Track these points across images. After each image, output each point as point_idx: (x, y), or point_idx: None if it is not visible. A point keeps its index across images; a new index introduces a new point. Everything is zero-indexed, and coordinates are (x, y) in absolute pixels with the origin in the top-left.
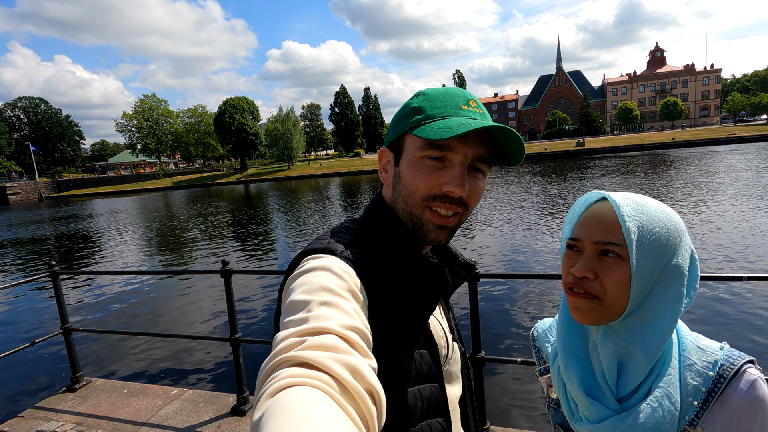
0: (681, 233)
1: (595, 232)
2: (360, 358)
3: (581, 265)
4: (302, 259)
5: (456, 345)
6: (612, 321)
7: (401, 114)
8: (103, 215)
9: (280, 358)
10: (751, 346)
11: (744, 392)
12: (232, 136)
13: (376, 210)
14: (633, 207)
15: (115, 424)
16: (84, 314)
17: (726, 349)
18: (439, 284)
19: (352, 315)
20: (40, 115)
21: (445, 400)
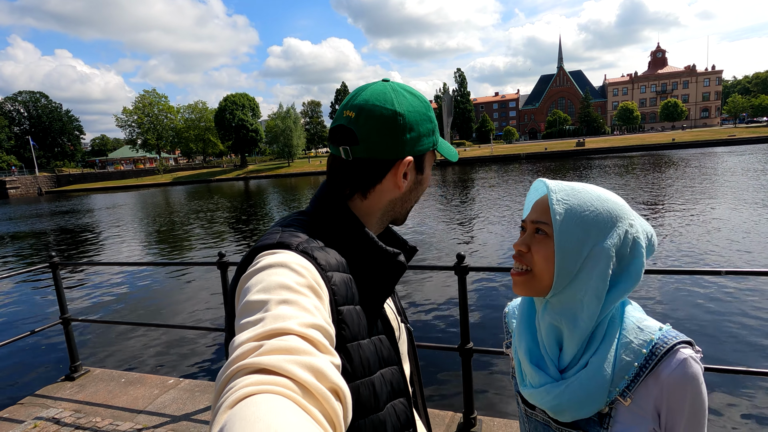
0: (616, 220)
1: (533, 214)
2: (322, 358)
3: (520, 240)
4: (255, 256)
5: (403, 325)
6: (544, 294)
7: (427, 126)
8: (103, 210)
9: (237, 366)
10: (729, 336)
11: (674, 369)
12: (233, 133)
13: (326, 201)
14: (566, 192)
15: (112, 412)
16: (83, 304)
17: (665, 330)
18: (396, 270)
19: (312, 312)
20: (40, 109)
21: (404, 380)
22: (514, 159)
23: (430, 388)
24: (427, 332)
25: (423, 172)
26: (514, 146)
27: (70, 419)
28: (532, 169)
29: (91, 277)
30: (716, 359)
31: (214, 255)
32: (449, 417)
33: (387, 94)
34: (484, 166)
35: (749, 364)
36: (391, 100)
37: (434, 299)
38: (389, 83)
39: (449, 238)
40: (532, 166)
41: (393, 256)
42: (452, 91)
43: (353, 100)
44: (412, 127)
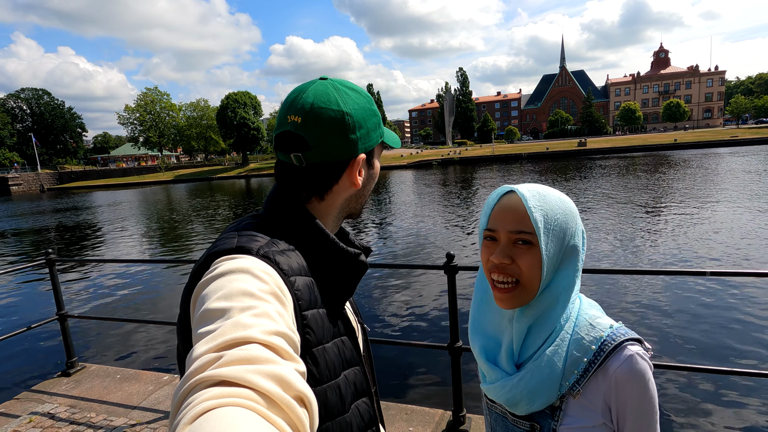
0: (575, 216)
1: (509, 224)
2: (286, 366)
3: (499, 252)
4: (212, 262)
5: (360, 326)
6: (530, 301)
7: (373, 120)
8: (104, 207)
9: (196, 379)
10: (711, 336)
11: (620, 365)
12: (234, 131)
13: (281, 202)
14: (538, 198)
15: (107, 408)
16: (80, 301)
17: (615, 328)
18: (358, 269)
19: (275, 319)
20: (42, 106)
21: (366, 380)
22: (516, 159)
23: (420, 386)
24: (417, 331)
25: (373, 165)
26: (515, 146)
27: (65, 414)
28: (533, 168)
29: (89, 273)
30: (692, 358)
31: None
32: (439, 415)
33: (330, 95)
34: (485, 165)
35: (723, 364)
36: (336, 101)
37: (424, 298)
38: (329, 81)
39: (445, 238)
40: (534, 165)
41: (355, 257)
42: (454, 91)
43: (296, 104)
44: (361, 124)
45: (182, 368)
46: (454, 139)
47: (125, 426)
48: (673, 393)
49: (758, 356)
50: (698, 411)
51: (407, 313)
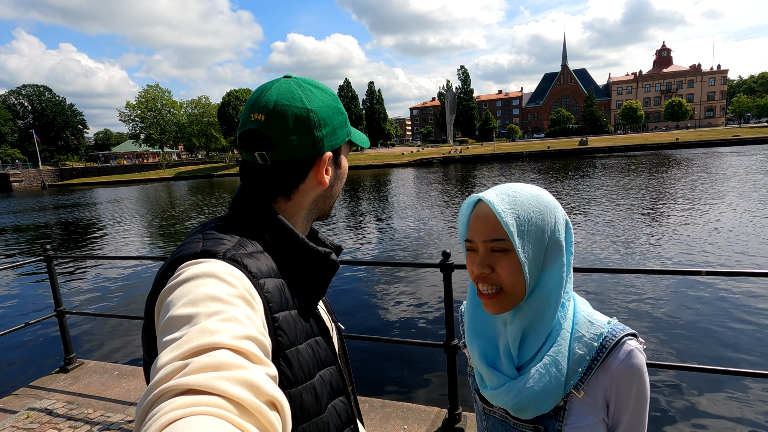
0: (554, 209)
1: (483, 233)
2: (256, 370)
3: (478, 263)
4: (177, 268)
5: (334, 325)
6: (518, 303)
7: (339, 118)
8: (105, 204)
9: (161, 389)
10: (710, 336)
11: (621, 360)
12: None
13: (248, 204)
14: (507, 201)
15: (104, 404)
16: (79, 297)
17: (612, 323)
18: (329, 269)
19: (244, 323)
20: (44, 103)
21: (342, 379)
22: (517, 157)
23: (416, 384)
24: (413, 329)
25: (341, 164)
26: (516, 144)
27: (63, 410)
28: (534, 167)
29: (87, 270)
30: (691, 357)
31: None
32: (434, 413)
33: (294, 92)
34: (486, 164)
35: (725, 364)
36: (300, 98)
37: (420, 296)
38: (293, 79)
39: (446, 237)
40: (535, 164)
41: (325, 256)
42: (456, 89)
43: (259, 102)
44: (326, 122)
45: (149, 380)
46: (455, 137)
47: (122, 422)
48: (667, 392)
49: (754, 356)
50: (692, 411)
51: (403, 312)
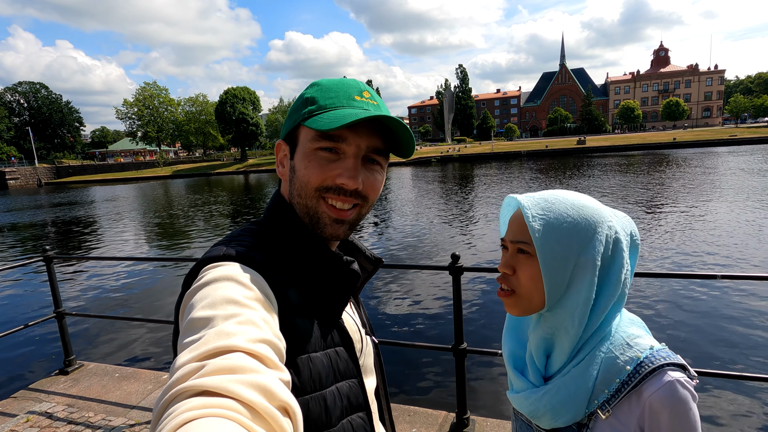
0: (595, 224)
1: (511, 233)
2: (270, 375)
3: (502, 262)
4: (200, 270)
5: (368, 338)
6: (538, 311)
7: (295, 105)
8: (102, 202)
9: (177, 389)
10: (721, 343)
11: (657, 390)
12: (233, 126)
13: (275, 208)
14: (541, 207)
15: (105, 407)
16: (78, 298)
17: (655, 349)
18: (350, 278)
19: (260, 326)
20: (40, 100)
21: (364, 394)
22: (515, 156)
23: (424, 387)
24: (421, 332)
25: (293, 157)
26: (514, 143)
27: (63, 414)
28: (532, 166)
29: (87, 270)
30: (707, 364)
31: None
32: (442, 417)
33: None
34: (484, 163)
35: (745, 370)
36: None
37: (429, 299)
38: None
39: (445, 237)
40: (533, 163)
41: (345, 265)
42: (454, 88)
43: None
44: (295, 105)
45: None
46: (453, 136)
47: (124, 426)
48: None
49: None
50: (713, 417)
51: (411, 314)
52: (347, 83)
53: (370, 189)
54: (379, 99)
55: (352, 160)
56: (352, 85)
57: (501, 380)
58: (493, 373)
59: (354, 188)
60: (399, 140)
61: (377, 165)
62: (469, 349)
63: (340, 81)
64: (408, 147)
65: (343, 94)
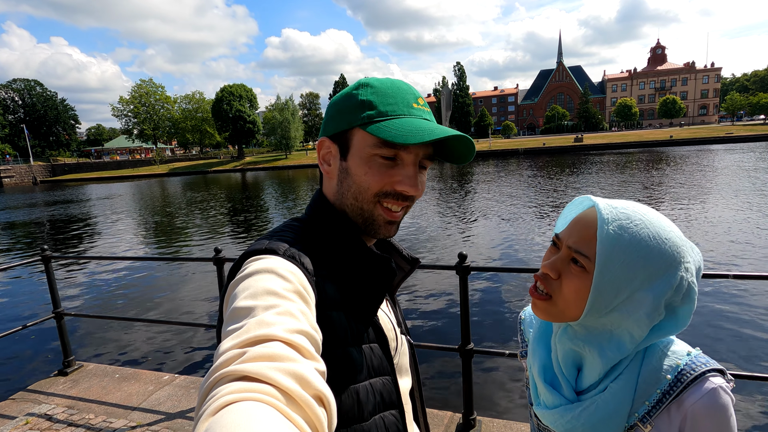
0: (672, 265)
1: (574, 237)
2: (306, 364)
3: (550, 263)
4: (244, 262)
5: (404, 338)
6: (566, 321)
7: (347, 105)
8: (98, 200)
9: (220, 373)
10: (733, 343)
11: (700, 398)
12: (230, 124)
13: (318, 206)
14: (619, 225)
15: (106, 408)
16: (77, 299)
17: (693, 355)
18: (386, 275)
19: (298, 317)
20: (35, 97)
21: (397, 391)
22: (513, 154)
23: (430, 387)
24: (428, 332)
25: (346, 158)
26: (512, 141)
27: (63, 416)
28: (530, 164)
29: (86, 270)
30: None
31: (211, 248)
32: (448, 417)
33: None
34: (482, 160)
35: (758, 370)
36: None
37: (435, 298)
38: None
39: (447, 235)
40: (531, 161)
41: (383, 262)
42: (451, 85)
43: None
44: (346, 104)
45: None
46: None
47: (125, 428)
48: None
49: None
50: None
51: (418, 314)
52: (402, 88)
53: (420, 191)
54: (427, 104)
55: (411, 168)
56: (407, 90)
57: (508, 381)
58: (499, 373)
59: (413, 194)
60: (454, 150)
61: (424, 169)
62: (476, 349)
63: (393, 84)
64: (465, 157)
65: (401, 100)
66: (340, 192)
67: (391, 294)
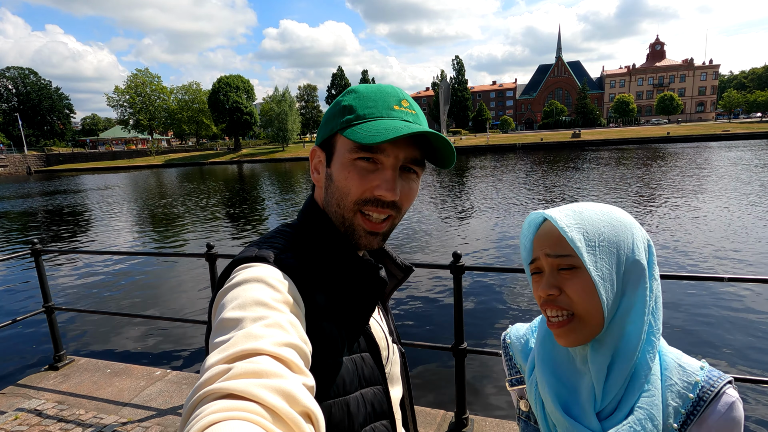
0: (629, 226)
1: (547, 248)
2: (294, 380)
3: (544, 284)
4: (233, 270)
5: (396, 347)
6: (596, 334)
7: (332, 112)
8: (93, 191)
9: (205, 391)
10: (729, 346)
11: (722, 414)
12: (227, 115)
13: (309, 212)
14: (572, 217)
15: (97, 404)
16: (68, 293)
17: (706, 369)
18: (377, 284)
19: (287, 330)
20: (29, 86)
21: (389, 401)
22: (510, 149)
23: (422, 386)
24: (421, 331)
25: (330, 165)
26: (510, 136)
27: (53, 411)
28: (528, 159)
29: (77, 264)
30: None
31: (204, 242)
32: (440, 416)
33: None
34: (479, 155)
35: (752, 373)
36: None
37: (428, 297)
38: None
39: (441, 233)
40: (528, 156)
41: (373, 271)
42: (450, 79)
43: None
44: (332, 111)
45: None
46: (448, 128)
47: (116, 424)
48: None
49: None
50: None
51: (411, 313)
52: (385, 91)
53: (405, 198)
54: (416, 107)
55: (390, 172)
56: (391, 93)
57: (500, 380)
58: (492, 372)
59: (392, 200)
60: (440, 153)
61: (413, 174)
62: (470, 348)
63: (378, 88)
64: (448, 160)
65: (381, 103)
66: (326, 200)
67: (383, 302)
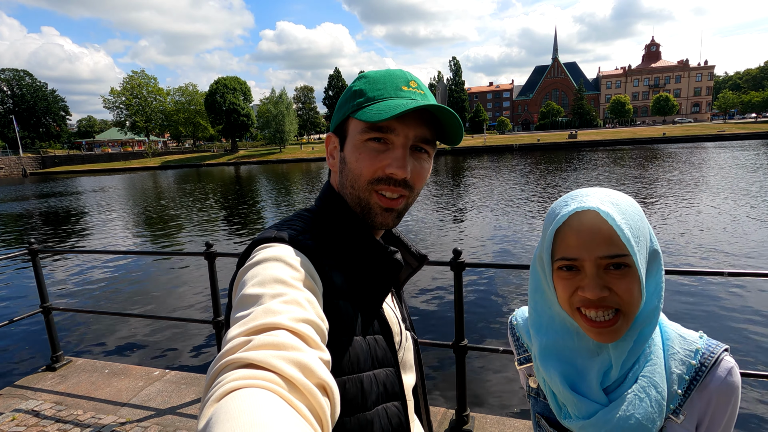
0: (644, 215)
1: (597, 249)
2: (310, 353)
3: (594, 286)
4: (253, 249)
5: (409, 333)
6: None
7: (344, 98)
8: (89, 193)
9: (226, 360)
10: (729, 340)
11: (722, 379)
12: (223, 117)
13: (326, 197)
14: (618, 210)
15: (95, 404)
16: (66, 293)
17: (705, 338)
18: (392, 267)
19: (305, 306)
20: (24, 88)
21: (400, 383)
22: (507, 150)
23: None
24: (422, 328)
25: (343, 149)
26: (507, 137)
27: (51, 412)
28: (524, 160)
29: (74, 264)
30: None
31: (202, 242)
32: (441, 413)
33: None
34: (476, 156)
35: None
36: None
37: (428, 294)
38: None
39: (441, 230)
40: (525, 157)
41: (389, 253)
42: (447, 80)
43: None
44: (344, 97)
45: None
46: None
47: (114, 424)
48: None
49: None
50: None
51: (411, 310)
52: (394, 74)
53: (417, 177)
54: (425, 88)
55: (400, 150)
56: (399, 75)
57: (501, 377)
58: (493, 370)
59: (403, 177)
60: (446, 128)
61: (425, 153)
62: (470, 345)
63: (387, 72)
64: (456, 135)
65: (390, 84)
66: (341, 182)
67: (397, 289)
